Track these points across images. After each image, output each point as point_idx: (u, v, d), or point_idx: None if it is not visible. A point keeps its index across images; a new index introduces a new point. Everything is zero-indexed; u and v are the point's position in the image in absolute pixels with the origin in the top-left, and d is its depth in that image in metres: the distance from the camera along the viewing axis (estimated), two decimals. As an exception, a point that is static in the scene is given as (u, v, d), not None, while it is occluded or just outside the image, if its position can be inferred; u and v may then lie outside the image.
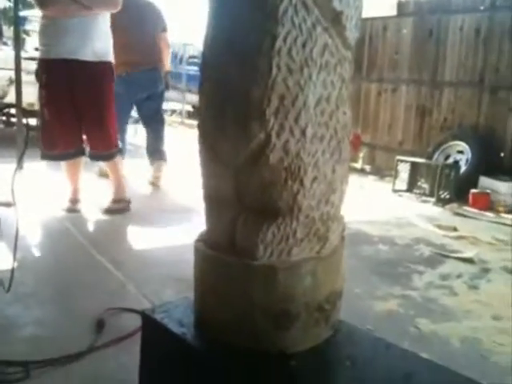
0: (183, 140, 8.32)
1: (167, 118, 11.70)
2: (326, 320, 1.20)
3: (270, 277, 1.13)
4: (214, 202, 1.23)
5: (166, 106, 12.76)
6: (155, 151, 5.43)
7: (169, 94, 12.97)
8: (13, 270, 2.12)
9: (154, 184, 5.28)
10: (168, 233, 3.68)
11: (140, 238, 3.64)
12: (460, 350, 2.38)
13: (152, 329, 1.34)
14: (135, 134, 8.40)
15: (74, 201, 4.04)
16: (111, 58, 3.76)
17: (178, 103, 11.80)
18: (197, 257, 1.27)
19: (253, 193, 1.13)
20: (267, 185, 1.10)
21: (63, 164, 3.96)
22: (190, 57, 13.42)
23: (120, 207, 4.04)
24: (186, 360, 1.23)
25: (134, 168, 6.08)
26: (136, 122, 8.42)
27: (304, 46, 1.04)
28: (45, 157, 3.85)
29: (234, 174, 1.14)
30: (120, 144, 4.11)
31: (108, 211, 4.00)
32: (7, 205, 3.17)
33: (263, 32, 1.02)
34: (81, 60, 3.59)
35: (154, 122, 5.47)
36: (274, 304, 1.13)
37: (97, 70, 3.66)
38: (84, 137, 3.89)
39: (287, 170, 1.08)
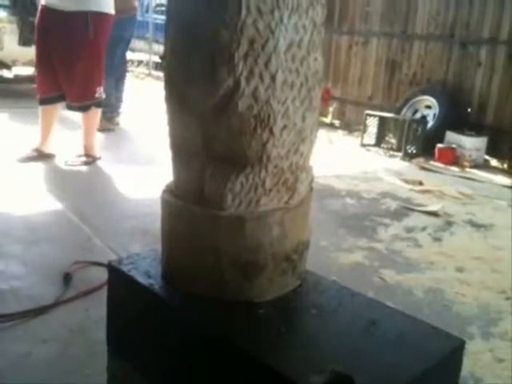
0: (150, 92, 8.10)
1: (134, 69, 11.38)
2: (293, 270, 1.20)
3: (237, 227, 1.12)
4: (181, 151, 1.19)
5: (132, 56, 12.37)
6: (119, 103, 5.34)
7: (135, 44, 12.54)
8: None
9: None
10: (136, 185, 3.63)
11: (107, 191, 3.58)
12: (423, 301, 2.45)
13: (119, 280, 1.32)
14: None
15: (40, 151, 3.96)
16: (96, 7, 3.66)
17: (145, 54, 11.47)
18: (164, 207, 1.25)
19: (221, 142, 1.10)
20: (236, 133, 1.07)
21: (40, 112, 3.91)
22: (157, 5, 12.98)
23: (86, 161, 4.01)
24: (154, 311, 1.23)
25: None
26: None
27: (275, -14, 1.00)
28: (39, 101, 3.88)
29: (201, 122, 1.10)
30: (101, 96, 4.02)
31: (73, 164, 3.95)
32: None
33: (232, -29, 0.97)
34: (57, 9, 3.57)
35: (121, 71, 5.33)
36: (242, 254, 1.12)
37: (70, 20, 3.59)
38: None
39: (256, 117, 1.05)
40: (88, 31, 3.61)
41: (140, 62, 11.77)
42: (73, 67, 3.67)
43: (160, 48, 10.35)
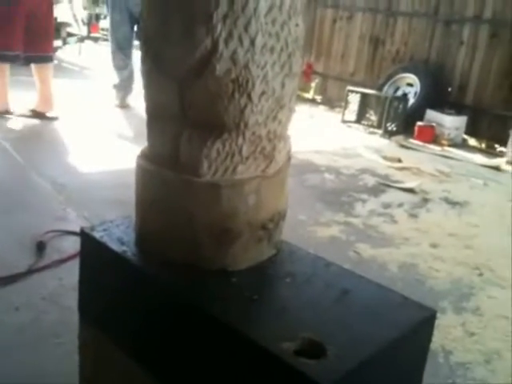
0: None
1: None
2: (268, 239, 1.19)
3: (213, 194, 1.10)
4: (157, 115, 1.16)
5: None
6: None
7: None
8: None
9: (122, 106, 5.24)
10: (114, 155, 3.58)
11: (84, 160, 3.53)
12: (397, 275, 2.49)
13: (91, 247, 1.30)
14: (79, 54, 7.99)
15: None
16: None
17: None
18: (138, 173, 1.22)
19: (198, 106, 1.07)
20: (213, 98, 1.04)
21: None
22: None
23: (40, 117, 4.11)
24: (127, 277, 1.21)
25: (82, 90, 5.81)
26: (81, 40, 7.99)
27: None
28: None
29: (178, 85, 1.07)
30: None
31: (26, 116, 4.02)
32: None
33: None
34: None
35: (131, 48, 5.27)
36: (217, 222, 1.11)
37: None
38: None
39: (235, 82, 1.02)
40: None
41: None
42: (40, 21, 3.89)
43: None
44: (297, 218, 2.93)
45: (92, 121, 4.58)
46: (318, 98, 7.35)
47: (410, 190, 3.78)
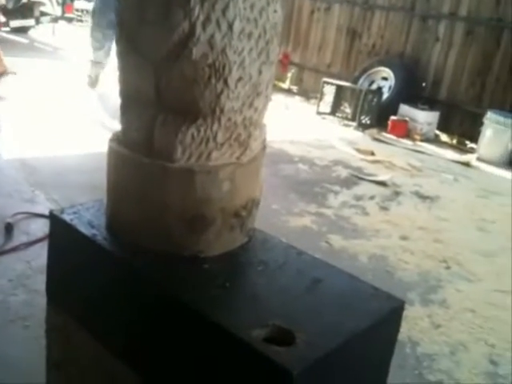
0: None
1: (89, 19, 10.90)
2: (241, 226, 1.19)
3: (186, 180, 1.09)
4: (132, 98, 1.14)
5: (88, 6, 11.82)
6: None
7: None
8: None
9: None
10: (87, 138, 3.52)
11: (53, 142, 3.46)
12: (368, 266, 2.52)
13: (60, 230, 1.27)
14: (53, 34, 7.81)
15: None
16: None
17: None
18: (110, 156, 1.20)
19: (173, 90, 1.06)
20: (189, 82, 1.03)
21: None
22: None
23: None
24: (97, 262, 1.19)
25: (58, 71, 5.69)
26: (55, 20, 7.80)
27: None
28: None
29: (153, 69, 1.05)
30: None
31: None
32: None
33: None
34: None
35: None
36: (190, 208, 1.10)
37: None
38: None
39: (211, 67, 1.01)
40: None
41: (95, 13, 11.32)
42: None
43: None
44: (270, 208, 2.93)
45: (65, 101, 4.50)
46: (294, 88, 7.35)
47: (382, 183, 3.82)
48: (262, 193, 1.27)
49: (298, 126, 5.44)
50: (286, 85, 7.27)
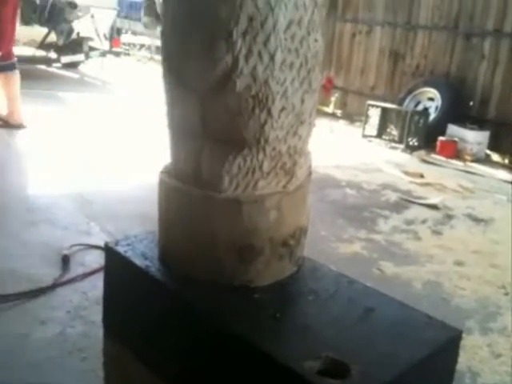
0: (151, 75, 8.01)
1: (135, 52, 11.30)
2: (290, 255, 1.18)
3: (234, 210, 1.09)
4: (179, 131, 1.17)
5: (134, 39, 12.26)
6: None
7: (137, 26, 12.37)
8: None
9: None
10: (138, 169, 3.60)
11: (106, 173, 3.55)
12: (422, 293, 2.44)
13: (115, 262, 1.30)
14: (101, 68, 8.09)
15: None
16: None
17: (147, 38, 11.41)
18: (161, 188, 1.22)
19: (219, 122, 1.07)
20: (234, 113, 1.04)
21: None
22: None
23: (13, 124, 4.08)
24: (150, 293, 1.21)
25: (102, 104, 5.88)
26: (103, 54, 8.09)
27: (276, -38, 0.96)
28: None
29: (199, 101, 1.08)
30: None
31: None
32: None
33: None
34: None
35: None
36: (238, 237, 1.10)
37: None
38: None
39: (255, 98, 1.02)
40: None
41: (142, 46, 11.70)
42: None
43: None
44: (319, 234, 2.90)
45: (115, 134, 4.63)
46: (338, 112, 7.34)
47: (433, 206, 3.72)
48: (310, 219, 1.26)
49: (344, 150, 5.40)
50: (329, 109, 7.27)
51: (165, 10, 1.11)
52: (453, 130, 5.66)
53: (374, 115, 6.03)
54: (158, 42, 10.96)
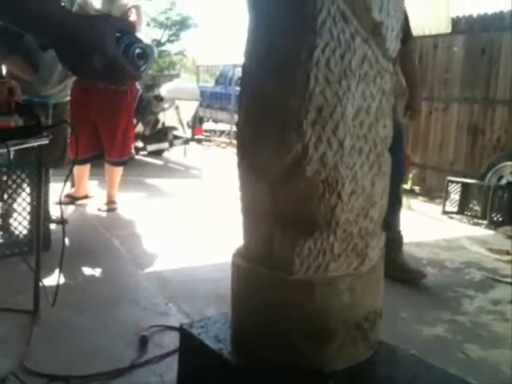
0: (231, 159, 8.32)
1: (216, 138, 11.88)
2: (364, 339, 1.16)
3: (306, 292, 1.11)
4: (251, 214, 1.22)
5: (215, 127, 12.94)
6: None
7: (218, 114, 13.10)
8: (58, 284, 2.17)
9: None
10: (213, 250, 3.69)
11: (185, 254, 3.66)
12: (511, 379, 2.26)
13: (189, 343, 1.33)
14: (184, 155, 8.50)
15: (74, 197, 4.50)
16: None
17: (227, 124, 12.00)
18: (234, 270, 1.26)
19: (290, 206, 1.11)
20: (304, 198, 1.08)
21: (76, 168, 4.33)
22: (240, 78, 13.59)
23: (111, 208, 4.48)
24: (223, 375, 1.22)
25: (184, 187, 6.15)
26: (186, 142, 8.55)
27: (342, 57, 1.03)
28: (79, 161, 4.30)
29: (270, 187, 1.13)
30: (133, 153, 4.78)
31: (104, 210, 4.42)
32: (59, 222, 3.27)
33: (301, 43, 1.02)
34: None
35: None
36: (311, 320, 1.11)
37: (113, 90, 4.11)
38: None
39: (324, 182, 1.06)
40: (127, 97, 4.31)
41: (222, 132, 12.32)
42: (116, 129, 4.32)
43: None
44: (399, 316, 2.79)
45: (196, 216, 4.80)
46: (417, 188, 7.22)
47: (524, 285, 3.50)
48: (390, 300, 1.24)
49: (424, 227, 5.26)
50: (407, 185, 7.17)
51: (239, 104, 1.19)
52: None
53: (455, 191, 5.87)
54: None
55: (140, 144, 7.40)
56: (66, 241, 2.21)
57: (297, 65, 1.03)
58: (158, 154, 8.12)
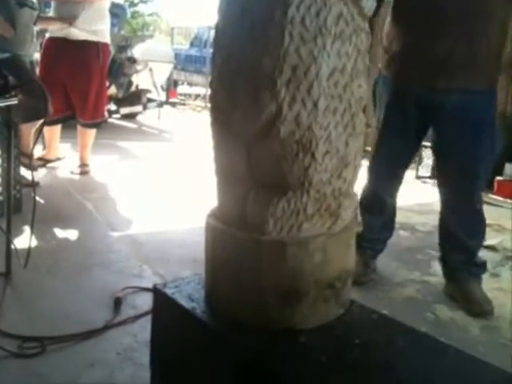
0: (205, 124, 8.23)
1: (191, 102, 11.72)
2: (336, 298, 1.18)
3: (279, 252, 1.11)
4: (226, 176, 1.21)
5: (190, 90, 12.74)
6: None
7: (193, 78, 12.88)
8: (29, 247, 2.15)
9: None
10: (189, 214, 3.68)
11: (160, 217, 3.65)
12: (479, 338, 2.33)
13: (163, 303, 1.34)
14: (158, 118, 8.39)
15: (46, 159, 4.45)
16: (103, 39, 4.21)
17: (202, 87, 11.83)
18: (207, 232, 1.26)
19: (264, 166, 1.11)
20: (278, 158, 1.08)
21: (46, 129, 4.27)
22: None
23: (84, 170, 4.44)
24: (195, 334, 1.23)
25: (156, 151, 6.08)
26: (160, 105, 8.42)
27: (318, 14, 1.01)
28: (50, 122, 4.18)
29: (245, 148, 1.12)
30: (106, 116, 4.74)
31: (75, 173, 4.38)
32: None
33: (276, 0, 1.00)
34: (70, 39, 4.10)
35: None
36: (283, 280, 1.12)
37: (84, 49, 4.11)
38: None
39: (298, 143, 1.06)
40: (99, 58, 4.21)
41: (197, 96, 12.14)
42: (88, 90, 4.21)
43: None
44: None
45: (170, 179, 4.76)
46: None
47: (491, 248, 3.59)
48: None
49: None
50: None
51: (213, 64, 1.17)
52: (510, 169, 5.50)
53: (428, 156, 5.94)
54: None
55: (113, 107, 7.26)
56: (38, 204, 2.17)
57: (271, 23, 1.01)
58: (131, 117, 7.99)
